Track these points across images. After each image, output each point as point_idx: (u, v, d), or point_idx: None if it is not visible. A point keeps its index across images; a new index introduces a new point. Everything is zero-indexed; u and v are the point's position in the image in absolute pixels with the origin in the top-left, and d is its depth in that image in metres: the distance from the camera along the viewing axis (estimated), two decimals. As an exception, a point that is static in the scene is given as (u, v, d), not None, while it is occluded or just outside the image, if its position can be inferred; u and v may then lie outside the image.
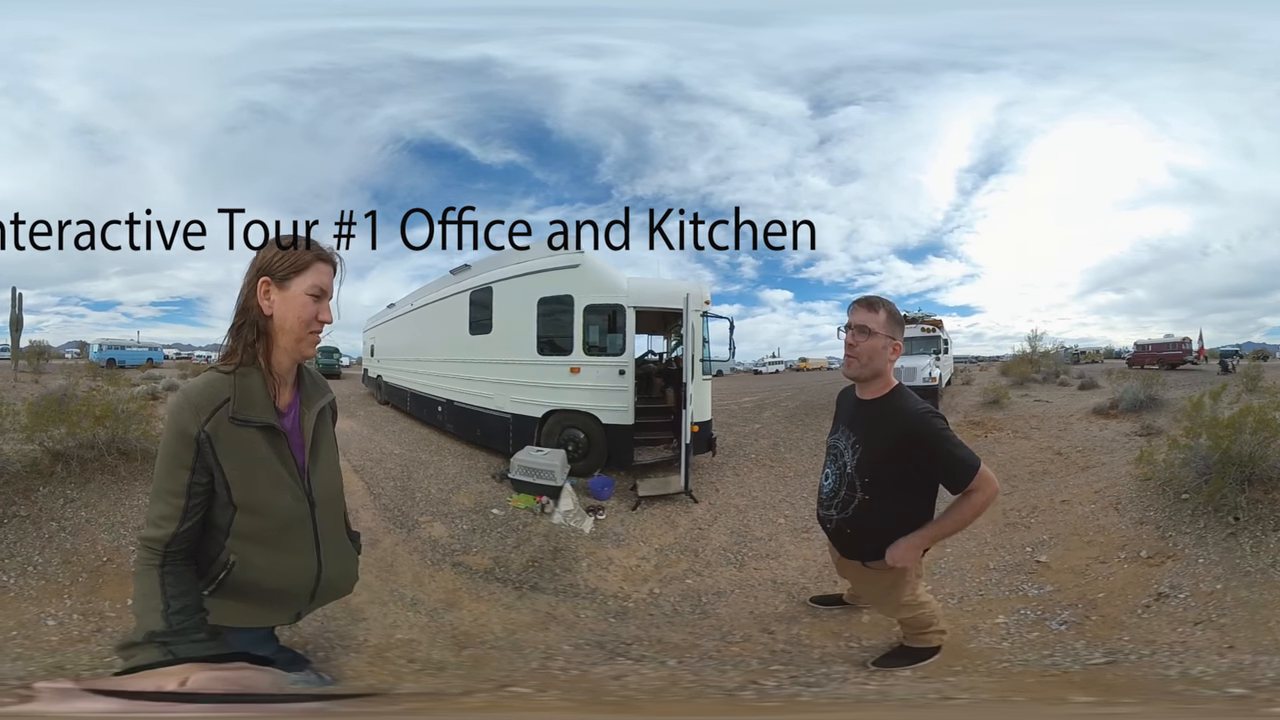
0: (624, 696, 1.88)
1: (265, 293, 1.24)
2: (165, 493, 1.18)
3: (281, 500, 1.27)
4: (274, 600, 1.33)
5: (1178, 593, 2.91)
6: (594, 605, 3.26)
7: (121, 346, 24.58)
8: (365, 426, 9.03)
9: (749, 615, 3.10)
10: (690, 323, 5.64)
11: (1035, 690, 2.18)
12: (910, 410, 1.94)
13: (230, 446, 1.19)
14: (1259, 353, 22.05)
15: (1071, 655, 2.47)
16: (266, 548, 1.26)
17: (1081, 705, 1.72)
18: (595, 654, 2.59)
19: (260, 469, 1.23)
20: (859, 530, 2.08)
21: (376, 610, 3.02)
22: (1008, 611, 2.96)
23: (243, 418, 1.20)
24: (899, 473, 1.95)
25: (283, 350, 1.27)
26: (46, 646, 2.55)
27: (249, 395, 1.22)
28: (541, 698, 1.55)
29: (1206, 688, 2.07)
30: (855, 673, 2.34)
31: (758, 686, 2.13)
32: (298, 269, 1.25)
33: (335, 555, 1.40)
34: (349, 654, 2.53)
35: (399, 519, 4.56)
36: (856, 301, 2.03)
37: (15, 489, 3.88)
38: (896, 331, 2.00)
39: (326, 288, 1.29)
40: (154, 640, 1.09)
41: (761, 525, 4.64)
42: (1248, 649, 2.32)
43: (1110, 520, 3.98)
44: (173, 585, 1.16)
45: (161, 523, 1.17)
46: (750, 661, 2.50)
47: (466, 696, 1.64)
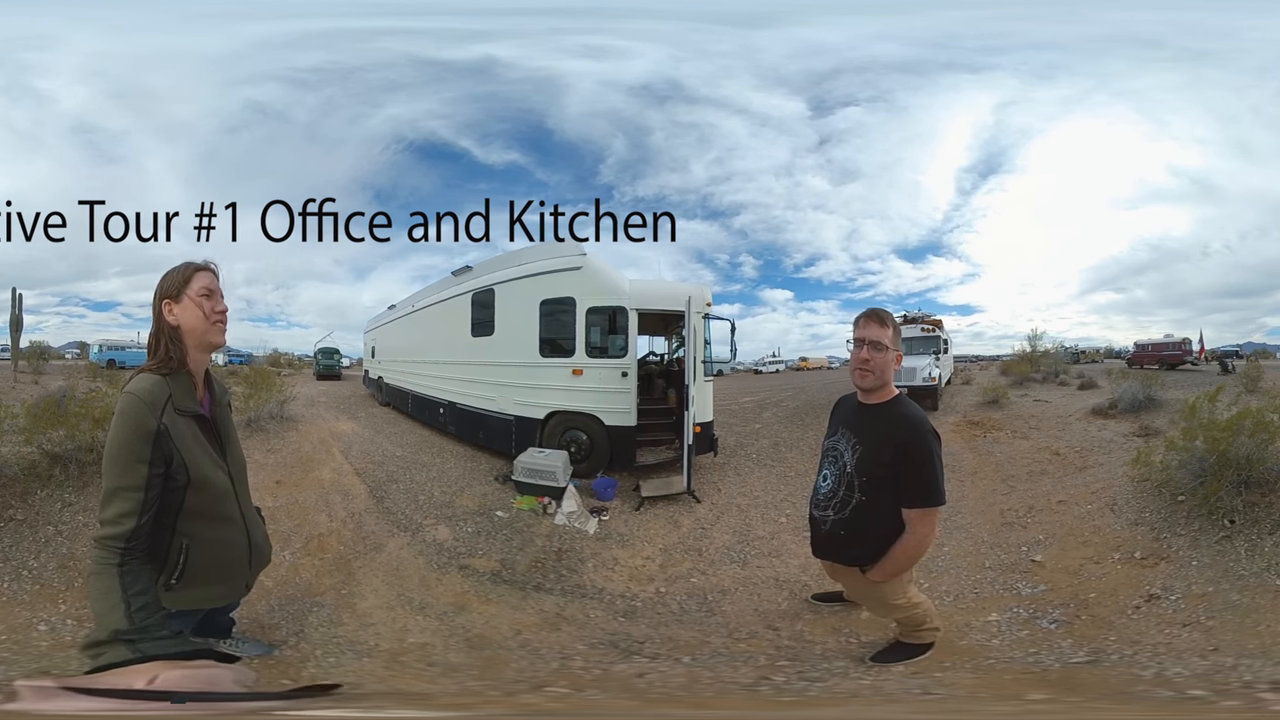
0: (663, 695, 1.93)
1: (169, 310, 1.51)
2: (123, 490, 1.32)
3: (215, 475, 1.52)
4: (227, 573, 1.57)
5: (1169, 594, 2.94)
6: (602, 605, 3.30)
7: (122, 347, 24.56)
8: (366, 428, 9.05)
9: (754, 612, 3.16)
10: (692, 325, 5.69)
11: (1002, 687, 2.23)
12: (913, 419, 2.04)
13: (180, 433, 1.42)
14: (1260, 353, 22.08)
15: (1055, 654, 2.51)
16: (210, 520, 1.50)
17: (1035, 702, 1.78)
18: (611, 653, 2.63)
19: (199, 449, 1.48)
20: (853, 532, 2.13)
21: (384, 615, 3.04)
22: (1000, 609, 3.01)
23: (183, 409, 1.45)
24: (894, 476, 2.02)
25: (195, 349, 1.53)
26: (35, 652, 2.53)
27: (183, 391, 1.47)
28: (580, 697, 1.61)
29: (1168, 688, 2.11)
30: (854, 668, 2.41)
31: (770, 683, 2.19)
32: (184, 282, 1.53)
33: (255, 523, 1.69)
34: (361, 659, 2.54)
35: (403, 522, 4.59)
36: (867, 316, 2.11)
37: (12, 492, 3.85)
38: (899, 343, 2.16)
39: (211, 286, 1.56)
40: (120, 639, 1.16)
41: (763, 524, 4.69)
42: (1231, 652, 2.35)
43: (1106, 521, 4.02)
44: (132, 583, 1.25)
45: (121, 520, 1.29)
46: (758, 658, 2.55)
47: (463, 699, 1.68)
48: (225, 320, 1.58)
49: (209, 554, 1.49)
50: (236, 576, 1.61)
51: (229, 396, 1.77)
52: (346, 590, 3.34)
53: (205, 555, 1.47)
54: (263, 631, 2.69)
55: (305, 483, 5.53)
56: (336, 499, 5.07)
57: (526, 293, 6.37)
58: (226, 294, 1.62)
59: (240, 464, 1.68)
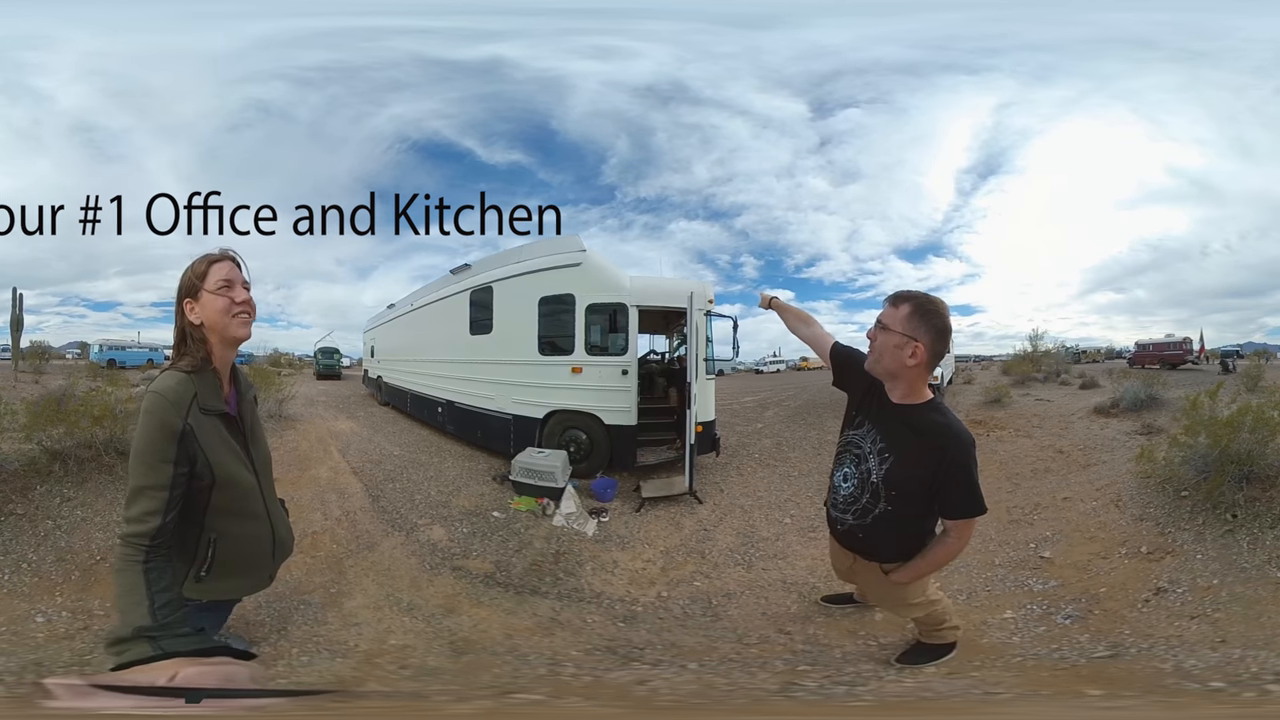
0: (672, 704, 1.82)
1: (190, 309, 1.48)
2: (149, 489, 1.30)
3: (241, 473, 1.50)
4: (253, 565, 1.59)
5: (1176, 587, 2.96)
6: (600, 609, 3.22)
7: (122, 347, 24.57)
8: (365, 428, 9.01)
9: (762, 616, 3.08)
10: (694, 322, 5.64)
11: (1051, 684, 2.21)
12: (953, 429, 1.84)
13: (205, 433, 1.40)
14: (1261, 353, 22.05)
15: (1077, 649, 2.51)
16: (237, 517, 1.50)
17: (1095, 699, 1.74)
18: (607, 659, 2.56)
19: (224, 448, 1.46)
20: (873, 537, 2.01)
21: (371, 615, 2.99)
22: (1015, 606, 3.00)
23: (208, 407, 1.43)
24: (927, 489, 1.87)
25: (219, 345, 1.49)
26: (32, 643, 2.59)
27: (209, 389, 1.45)
28: (558, 704, 1.54)
29: (1191, 680, 2.12)
30: (884, 671, 2.35)
31: (802, 688, 2.12)
32: (201, 277, 1.48)
33: (279, 517, 1.69)
34: (334, 660, 2.48)
35: (397, 522, 4.53)
36: (888, 297, 1.94)
37: (13, 487, 3.92)
38: (921, 331, 1.80)
39: (230, 277, 1.49)
40: (142, 635, 1.16)
41: (768, 525, 4.64)
42: (1239, 643, 2.38)
43: (1111, 517, 4.01)
44: (156, 580, 1.25)
45: (146, 518, 1.28)
46: (774, 663, 2.48)
47: (460, 703, 1.64)
48: (250, 310, 1.52)
49: (236, 548, 1.51)
50: (261, 568, 1.64)
51: (254, 392, 1.76)
52: (336, 589, 3.30)
53: (232, 549, 1.49)
54: (247, 629, 2.65)
55: (302, 481, 5.49)
56: (332, 497, 5.02)
57: (525, 290, 6.31)
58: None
59: (266, 459, 1.69)
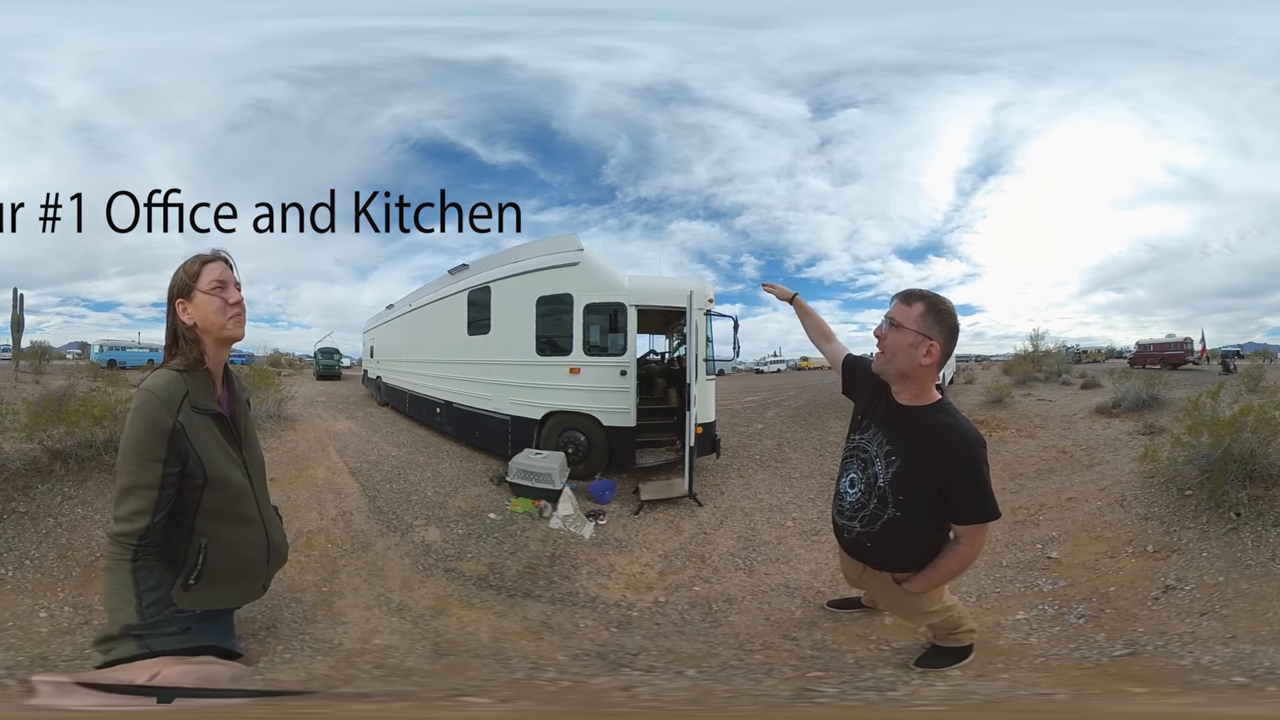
0: (652, 708, 1.65)
1: (183, 309, 1.45)
2: (138, 488, 1.28)
3: (234, 474, 1.47)
4: (245, 573, 1.53)
5: (1184, 585, 2.97)
6: (594, 614, 3.15)
7: (123, 347, 24.56)
8: (363, 428, 8.98)
9: (765, 621, 3.01)
10: (694, 322, 5.59)
11: (1087, 684, 2.19)
12: (962, 431, 1.78)
13: (197, 432, 1.37)
14: (1261, 352, 22.02)
15: (1095, 648, 2.50)
16: (229, 521, 1.45)
17: (1137, 696, 1.72)
18: (595, 664, 2.50)
19: (216, 448, 1.43)
20: (881, 545, 1.95)
21: (359, 614, 2.96)
22: (1026, 607, 2.98)
23: (200, 406, 1.40)
24: (936, 493, 1.81)
25: (212, 345, 1.47)
26: (36, 637, 2.65)
27: (201, 388, 1.42)
28: (500, 709, 1.43)
29: (1215, 676, 2.12)
30: (905, 676, 2.28)
31: (818, 693, 2.05)
32: (194, 277, 1.46)
33: (273, 522, 1.64)
34: (314, 658, 2.46)
35: (392, 522, 4.50)
36: (898, 294, 1.89)
37: (14, 486, 3.99)
38: (935, 329, 1.76)
39: (224, 277, 1.47)
40: (130, 634, 1.16)
41: (769, 528, 4.58)
42: (1248, 639, 2.40)
43: (1116, 516, 4.00)
44: (145, 580, 1.25)
45: (135, 517, 1.27)
46: (781, 669, 2.41)
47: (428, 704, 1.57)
48: (243, 311, 1.50)
49: (228, 554, 1.45)
50: (254, 576, 1.58)
51: (248, 394, 1.72)
52: (328, 588, 3.28)
53: (224, 555, 1.44)
54: (237, 625, 2.60)
55: (299, 481, 5.46)
56: (329, 497, 4.99)
57: (523, 290, 6.27)
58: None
59: (259, 462, 1.64)
